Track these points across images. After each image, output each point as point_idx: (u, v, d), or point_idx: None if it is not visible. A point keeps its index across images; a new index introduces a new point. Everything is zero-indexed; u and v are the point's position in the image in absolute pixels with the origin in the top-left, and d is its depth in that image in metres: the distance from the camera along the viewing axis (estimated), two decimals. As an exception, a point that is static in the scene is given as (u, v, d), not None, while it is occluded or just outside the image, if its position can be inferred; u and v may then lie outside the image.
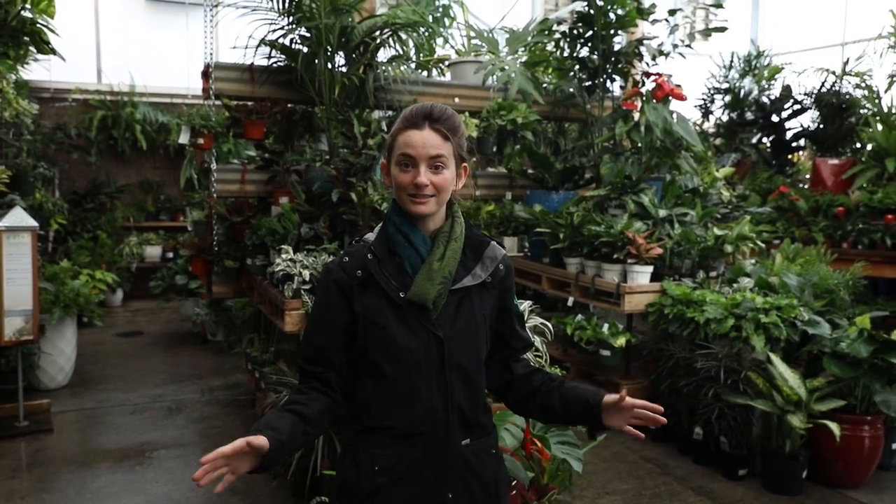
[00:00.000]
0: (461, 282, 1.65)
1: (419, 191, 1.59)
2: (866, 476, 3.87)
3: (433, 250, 1.63)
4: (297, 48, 4.44)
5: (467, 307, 1.66)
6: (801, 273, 4.53)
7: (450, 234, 1.66)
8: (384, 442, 1.61)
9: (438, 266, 1.61)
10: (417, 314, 1.60)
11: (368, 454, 1.62)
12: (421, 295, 1.59)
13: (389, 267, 1.63)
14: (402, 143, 1.60)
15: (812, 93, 8.22)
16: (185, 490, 3.73)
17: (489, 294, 1.71)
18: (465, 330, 1.64)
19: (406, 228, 1.64)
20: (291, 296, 3.53)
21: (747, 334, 3.90)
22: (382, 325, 1.60)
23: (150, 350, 6.73)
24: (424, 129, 1.60)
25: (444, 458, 1.62)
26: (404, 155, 1.60)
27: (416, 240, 1.64)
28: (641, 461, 4.19)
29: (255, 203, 4.97)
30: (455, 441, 1.62)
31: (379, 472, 1.60)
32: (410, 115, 1.62)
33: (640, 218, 4.78)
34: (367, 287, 1.63)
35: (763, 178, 8.07)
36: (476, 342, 1.67)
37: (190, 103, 8.93)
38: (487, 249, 1.73)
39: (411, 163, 1.59)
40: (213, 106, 4.73)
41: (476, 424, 1.68)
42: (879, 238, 6.63)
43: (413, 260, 1.64)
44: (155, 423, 4.72)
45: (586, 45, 5.58)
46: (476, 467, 1.66)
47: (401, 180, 1.60)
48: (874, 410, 3.78)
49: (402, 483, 1.61)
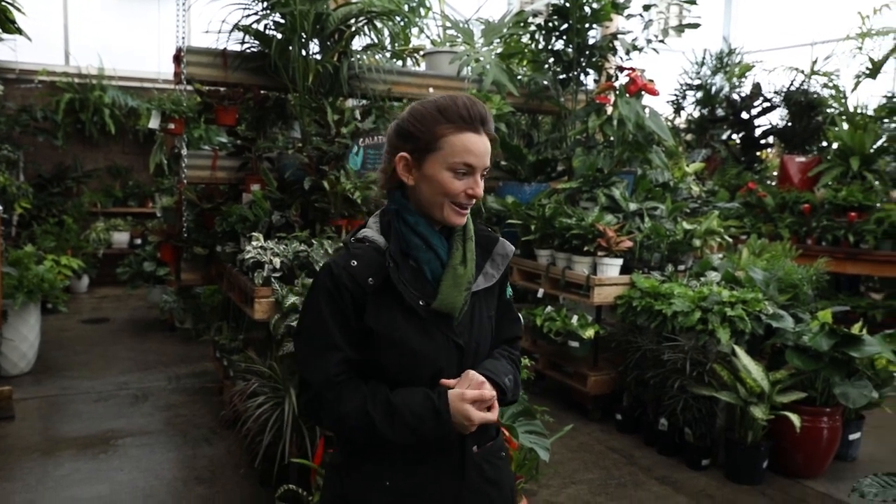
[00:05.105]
0: (475, 283, 1.55)
1: (469, 201, 1.49)
2: (824, 466, 3.97)
3: (452, 252, 1.51)
4: (271, 34, 4.39)
5: (479, 311, 1.57)
6: (766, 268, 4.61)
7: (464, 233, 1.54)
8: (395, 453, 1.49)
9: (463, 271, 1.49)
10: (439, 323, 1.48)
11: (378, 466, 1.50)
12: (449, 304, 1.47)
13: (405, 273, 1.47)
14: (461, 147, 1.45)
15: (781, 91, 8.37)
16: (150, 478, 3.69)
17: (493, 293, 1.63)
18: (479, 335, 1.56)
19: (423, 229, 1.50)
20: (261, 283, 3.51)
21: (713, 327, 3.96)
22: (402, 340, 1.46)
23: (116, 337, 6.63)
24: (481, 133, 1.47)
25: (460, 469, 1.52)
26: (465, 163, 1.45)
27: (435, 242, 1.51)
28: (608, 451, 4.25)
29: (226, 190, 4.92)
30: (469, 450, 1.54)
31: (390, 487, 1.49)
32: (467, 114, 1.46)
33: (611, 211, 4.83)
34: (379, 297, 1.46)
35: (732, 174, 8.20)
36: (487, 346, 1.59)
37: (161, 88, 8.80)
38: (497, 246, 1.63)
39: (470, 171, 1.46)
40: (185, 91, 4.67)
41: (485, 430, 1.58)
42: (842, 235, 6.79)
43: (433, 264, 1.50)
44: (120, 411, 4.66)
45: (561, 38, 5.61)
46: (490, 474, 1.58)
47: (453, 187, 1.46)
48: (833, 402, 3.87)
49: (416, 499, 1.50)
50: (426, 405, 1.42)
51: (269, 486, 3.37)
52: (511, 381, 1.56)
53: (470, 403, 1.42)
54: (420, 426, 1.42)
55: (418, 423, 1.42)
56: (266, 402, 3.20)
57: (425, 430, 1.43)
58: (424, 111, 1.48)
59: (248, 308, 3.64)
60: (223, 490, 3.58)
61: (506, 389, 1.52)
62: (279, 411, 3.16)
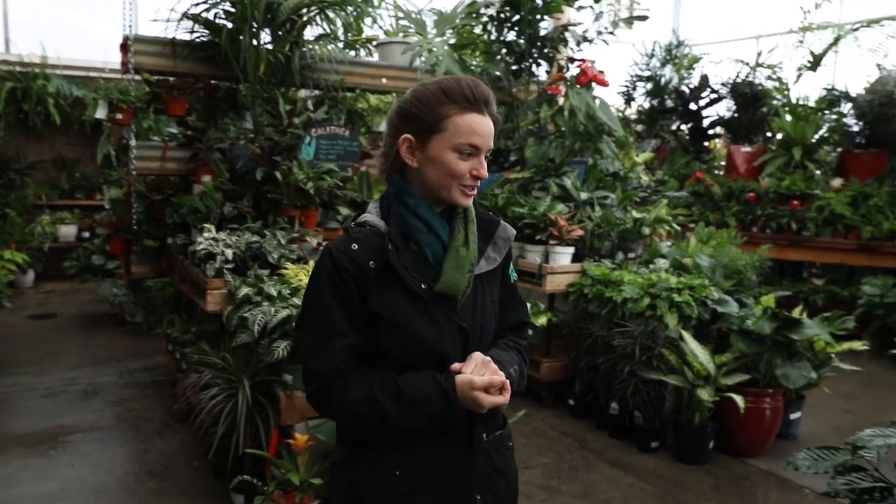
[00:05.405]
0: (478, 266, 1.52)
1: (475, 182, 1.48)
2: (767, 445, 4.12)
3: (454, 234, 1.49)
4: (221, 23, 4.33)
5: (482, 294, 1.54)
6: (712, 255, 4.74)
7: (466, 216, 1.53)
8: (404, 443, 1.47)
9: (465, 252, 1.47)
10: (443, 306, 1.47)
11: (387, 456, 1.48)
12: (452, 286, 1.45)
13: (407, 256, 1.46)
14: (466, 128, 1.44)
15: (728, 83, 8.57)
16: (101, 474, 3.64)
17: (496, 276, 1.61)
18: (483, 318, 1.54)
19: (424, 211, 1.49)
20: (214, 275, 3.49)
21: (661, 313, 4.07)
22: (405, 323, 1.44)
23: (64, 332, 6.49)
24: (486, 114, 1.46)
25: (470, 457, 1.51)
26: (471, 144, 1.44)
27: (437, 224, 1.49)
28: (561, 436, 4.34)
29: (177, 181, 4.85)
30: (478, 438, 1.52)
31: (401, 476, 1.47)
32: (471, 95, 1.45)
33: (563, 200, 4.90)
34: (381, 280, 1.44)
35: (681, 163, 8.38)
36: (492, 330, 1.57)
37: (108, 77, 8.58)
38: (499, 229, 1.60)
39: (475, 152, 1.46)
40: (133, 80, 4.58)
41: (494, 418, 1.58)
42: (786, 223, 7.01)
43: (434, 247, 1.49)
44: (70, 407, 4.58)
45: (513, 29, 5.66)
46: (499, 463, 1.57)
47: (458, 168, 1.45)
48: (775, 384, 4.01)
49: (428, 487, 1.48)
50: (434, 387, 1.41)
51: (223, 477, 3.36)
52: (516, 372, 1.55)
53: (480, 391, 1.40)
54: (428, 408, 1.41)
55: (425, 405, 1.41)
56: (220, 393, 3.19)
57: (433, 412, 1.42)
58: (428, 92, 1.47)
59: (201, 300, 3.61)
60: (176, 483, 3.56)
61: (512, 380, 1.49)
62: (233, 402, 3.15)
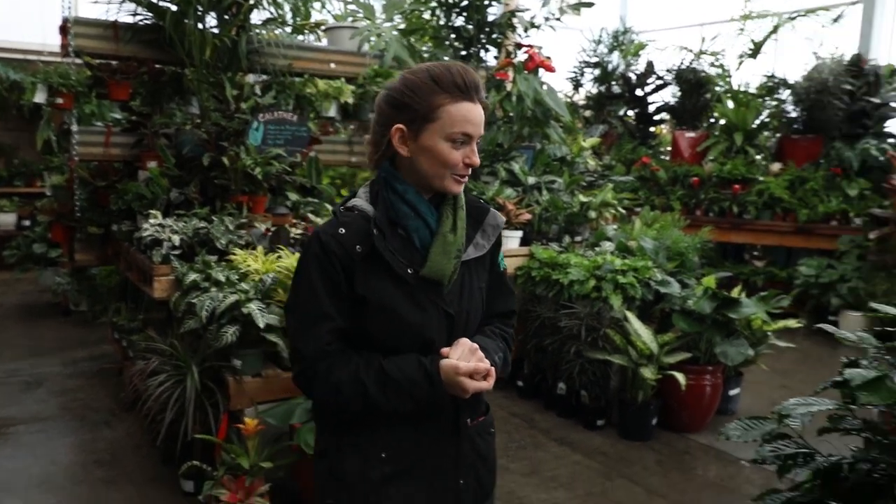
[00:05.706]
0: (466, 253, 1.53)
1: (467, 170, 1.48)
2: (707, 420, 4.28)
3: (442, 220, 1.50)
4: (165, 6, 4.25)
5: (469, 280, 1.55)
6: (656, 238, 4.87)
7: (455, 202, 1.53)
8: (390, 426, 1.49)
9: (453, 238, 1.48)
10: (429, 291, 1.47)
11: (373, 440, 1.49)
12: (438, 271, 1.46)
13: (394, 241, 1.46)
14: (459, 117, 1.43)
15: (673, 69, 8.74)
16: (45, 464, 3.59)
17: (484, 264, 1.61)
18: (470, 305, 1.55)
19: (412, 196, 1.49)
20: (160, 261, 3.45)
21: (607, 294, 4.18)
22: (391, 307, 1.45)
23: (4, 323, 6.32)
24: (476, 102, 1.46)
25: (455, 442, 1.53)
26: (464, 133, 1.44)
27: (424, 209, 1.49)
28: (510, 416, 4.42)
29: (121, 167, 4.76)
30: (463, 423, 1.54)
31: (387, 459, 1.48)
32: (462, 83, 1.44)
33: (511, 185, 4.97)
34: (368, 264, 1.45)
35: (627, 148, 8.53)
36: (478, 317, 1.59)
37: (46, 60, 8.28)
38: (489, 217, 1.60)
39: (467, 141, 1.46)
40: (74, 64, 4.47)
41: (478, 404, 1.61)
42: (728, 206, 7.22)
43: (422, 232, 1.49)
44: (11, 398, 4.48)
45: (462, 15, 5.67)
46: (482, 448, 1.60)
47: (451, 157, 1.45)
48: (715, 361, 4.17)
49: (413, 471, 1.50)
50: (419, 370, 1.43)
51: (172, 464, 3.35)
52: (501, 360, 1.57)
53: (465, 377, 1.41)
54: (414, 390, 1.43)
55: (411, 387, 1.42)
56: (168, 379, 3.17)
57: (418, 395, 1.43)
58: (419, 81, 1.46)
59: (147, 287, 3.58)
60: (124, 471, 3.53)
61: (496, 367, 1.51)
62: (181, 388, 3.14)
